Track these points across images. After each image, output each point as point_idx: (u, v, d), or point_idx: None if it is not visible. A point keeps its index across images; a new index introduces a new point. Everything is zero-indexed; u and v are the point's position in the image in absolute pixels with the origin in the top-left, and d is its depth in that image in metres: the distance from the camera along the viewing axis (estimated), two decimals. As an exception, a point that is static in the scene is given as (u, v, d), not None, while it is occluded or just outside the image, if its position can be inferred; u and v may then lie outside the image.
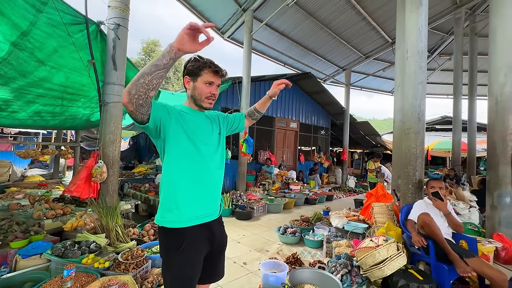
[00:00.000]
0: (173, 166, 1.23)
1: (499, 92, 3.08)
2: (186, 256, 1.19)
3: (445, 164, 14.20)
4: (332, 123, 12.49)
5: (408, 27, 3.11)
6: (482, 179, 5.30)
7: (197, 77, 1.26)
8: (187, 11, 7.25)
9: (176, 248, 1.18)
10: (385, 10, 7.97)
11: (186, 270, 1.19)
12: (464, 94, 9.00)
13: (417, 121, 3.03)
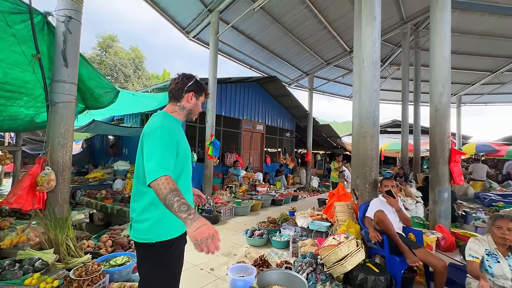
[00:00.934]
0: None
1: (438, 101, 3.52)
2: (176, 255, 1.31)
3: (396, 163, 15.67)
4: (296, 126, 12.94)
5: (364, 39, 3.38)
6: (425, 177, 5.97)
7: (200, 96, 1.48)
8: (149, 6, 6.90)
9: (169, 249, 1.27)
10: (344, 20, 8.54)
11: (175, 269, 1.31)
12: (410, 100, 10.07)
13: (373, 126, 3.30)
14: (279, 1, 7.36)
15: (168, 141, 1.22)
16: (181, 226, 1.32)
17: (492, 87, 14.26)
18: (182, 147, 1.34)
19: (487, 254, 2.06)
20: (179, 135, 1.34)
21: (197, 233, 0.94)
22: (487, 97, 15.80)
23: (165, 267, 1.25)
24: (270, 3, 7.31)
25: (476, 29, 9.84)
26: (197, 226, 0.95)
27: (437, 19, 3.57)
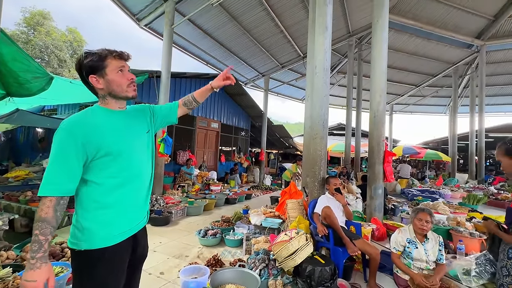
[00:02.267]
0: (101, 182, 1.08)
1: (376, 108, 3.99)
2: (110, 266, 1.09)
3: (340, 163, 17.19)
4: (251, 125, 13.14)
5: (317, 47, 3.61)
6: (363, 175, 6.69)
7: (104, 69, 1.09)
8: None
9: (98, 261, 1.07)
10: (299, 27, 8.99)
11: (109, 282, 1.09)
12: (353, 106, 11.16)
13: (322, 128, 3.56)
14: (238, 0, 7.35)
15: (61, 147, 0.98)
16: (119, 234, 1.11)
17: (416, 98, 16.78)
18: (107, 147, 1.05)
19: (408, 242, 2.44)
20: (93, 132, 1.04)
21: (25, 284, 0.89)
22: (412, 107, 18.51)
23: (95, 278, 1.06)
24: (229, 1, 7.26)
25: (406, 48, 11.43)
26: (31, 277, 0.89)
27: (377, 37, 4.05)
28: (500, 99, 15.37)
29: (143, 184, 1.22)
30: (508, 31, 10.53)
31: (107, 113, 1.14)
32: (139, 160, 1.19)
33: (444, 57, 12.16)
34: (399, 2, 9.22)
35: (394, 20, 9.62)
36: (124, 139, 1.13)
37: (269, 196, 7.33)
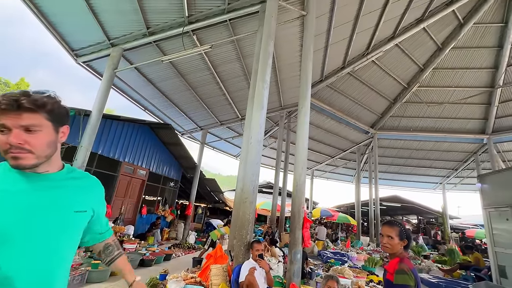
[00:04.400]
0: None
1: (298, 178, 4.62)
2: None
3: (266, 221, 17.61)
4: (183, 176, 12.69)
5: (253, 121, 4.18)
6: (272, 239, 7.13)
7: None
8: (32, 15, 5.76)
9: None
10: (240, 94, 10.08)
11: None
12: (282, 168, 12.30)
13: (252, 193, 3.85)
14: (187, 62, 7.97)
15: None
16: None
17: (331, 167, 19.71)
18: None
19: (320, 308, 2.68)
20: None
21: None
22: (329, 174, 21.49)
23: None
24: (179, 60, 7.79)
25: (324, 126, 13.90)
26: None
27: (301, 120, 4.98)
28: (388, 175, 19.50)
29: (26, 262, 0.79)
30: (390, 126, 14.23)
31: (12, 175, 0.84)
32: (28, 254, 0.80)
33: (350, 137, 15.24)
34: (319, 90, 11.62)
35: (315, 103, 11.90)
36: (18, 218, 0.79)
37: (192, 257, 6.81)
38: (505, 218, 6.45)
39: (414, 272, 1.62)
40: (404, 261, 1.69)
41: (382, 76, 11.62)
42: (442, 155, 15.95)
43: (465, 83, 11.80)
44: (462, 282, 6.63)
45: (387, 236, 1.79)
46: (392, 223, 1.84)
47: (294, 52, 8.34)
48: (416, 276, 1.62)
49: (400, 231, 1.77)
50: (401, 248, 1.76)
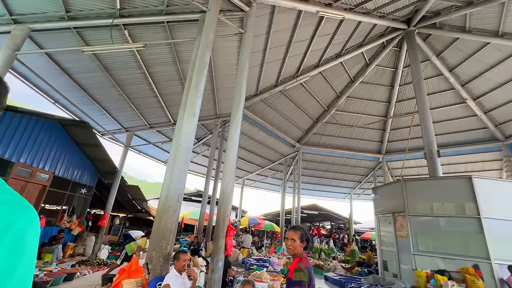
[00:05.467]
0: None
1: (225, 187, 4.76)
2: None
3: (193, 231, 17.02)
4: (99, 182, 11.17)
5: (184, 128, 4.14)
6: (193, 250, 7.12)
7: None
8: None
9: None
10: (174, 97, 9.72)
11: None
12: (213, 176, 12.27)
13: (177, 201, 3.77)
14: (116, 57, 7.28)
15: None
16: None
17: (261, 177, 20.70)
18: None
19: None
20: None
21: None
22: (259, 183, 22.46)
23: None
24: (106, 53, 7.04)
25: (256, 137, 14.60)
26: None
27: (232, 131, 5.20)
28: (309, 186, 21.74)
29: None
30: (313, 142, 16.04)
31: None
32: None
33: (279, 150, 16.45)
34: (254, 104, 12.25)
35: (249, 115, 12.47)
36: None
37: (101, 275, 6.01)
38: (388, 222, 8.09)
39: (309, 270, 1.94)
40: (302, 260, 2.00)
41: (308, 97, 13.14)
42: (351, 170, 18.85)
43: (369, 111, 14.47)
44: (357, 277, 7.92)
45: (291, 239, 2.08)
46: (296, 228, 2.15)
47: (232, 65, 8.65)
48: (310, 273, 1.94)
49: (302, 234, 2.09)
50: (301, 249, 2.08)
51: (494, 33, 9.16)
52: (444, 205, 6.86)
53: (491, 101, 11.62)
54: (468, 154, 13.82)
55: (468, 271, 5.88)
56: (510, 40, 8.99)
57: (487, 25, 9.16)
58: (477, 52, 10.25)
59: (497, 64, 10.20)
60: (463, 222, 6.51)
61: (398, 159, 15.58)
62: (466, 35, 9.58)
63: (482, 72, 10.79)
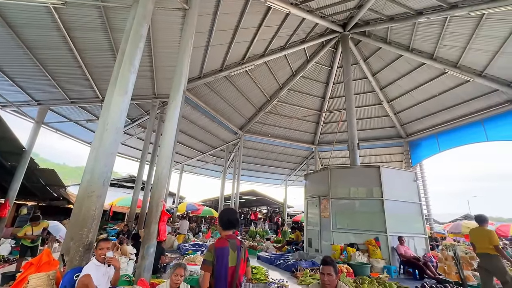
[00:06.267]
0: None
1: (160, 171, 4.54)
2: None
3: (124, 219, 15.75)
4: (-3, 164, 9.13)
5: (113, 106, 3.73)
6: (134, 234, 6.76)
7: None
8: None
9: None
10: (104, 70, 8.52)
11: None
12: (148, 160, 11.46)
13: (102, 186, 3.42)
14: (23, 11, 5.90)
15: None
16: None
17: (202, 163, 20.35)
18: None
19: (163, 297, 2.80)
20: None
21: None
22: (199, 169, 22.03)
23: None
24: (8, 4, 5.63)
25: (198, 122, 14.18)
26: None
27: (171, 113, 4.92)
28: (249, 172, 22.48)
29: None
30: (254, 130, 16.50)
31: None
32: None
33: (221, 136, 16.40)
34: (197, 87, 11.78)
35: (192, 99, 11.97)
36: None
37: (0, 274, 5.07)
38: (314, 205, 9.11)
39: (216, 250, 2.05)
40: (217, 241, 2.15)
41: (253, 86, 13.35)
42: (287, 158, 20.24)
43: (306, 104, 15.64)
44: (286, 254, 8.75)
45: (215, 224, 2.18)
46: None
47: (173, 42, 8.06)
48: (216, 253, 2.03)
49: (218, 216, 2.26)
50: (221, 229, 2.21)
51: (406, 48, 10.94)
52: (359, 189, 8.10)
53: (400, 104, 14.01)
54: (380, 148, 16.48)
55: (371, 242, 7.16)
56: (417, 56, 10.90)
57: (402, 40, 10.86)
58: (393, 62, 12.11)
59: (406, 74, 12.28)
60: (371, 203, 7.83)
61: (328, 150, 17.45)
62: (386, 46, 11.17)
63: (396, 79, 12.84)
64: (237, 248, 2.11)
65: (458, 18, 8.85)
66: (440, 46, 10.10)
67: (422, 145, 14.57)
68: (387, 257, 7.03)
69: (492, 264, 4.26)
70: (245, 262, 2.18)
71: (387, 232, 7.32)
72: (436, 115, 13.22)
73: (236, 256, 2.06)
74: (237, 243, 2.15)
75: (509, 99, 10.58)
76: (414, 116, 14.14)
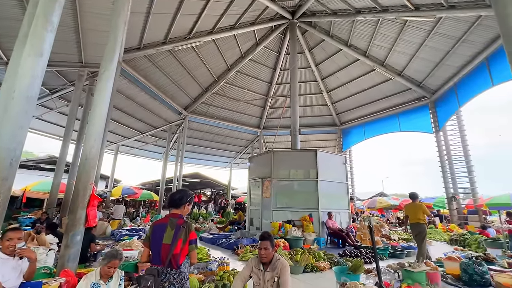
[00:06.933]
0: None
1: (88, 151, 4.00)
2: None
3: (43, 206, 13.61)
4: None
5: (23, 70, 3.05)
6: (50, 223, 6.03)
7: None
8: None
9: None
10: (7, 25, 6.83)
11: None
12: (73, 139, 9.97)
13: (9, 167, 2.83)
14: None
15: None
16: None
17: (140, 143, 18.79)
18: None
19: (92, 286, 2.57)
20: None
21: None
22: (137, 151, 20.30)
23: None
24: None
25: (136, 98, 12.89)
26: None
27: (102, 85, 4.29)
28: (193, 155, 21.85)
29: None
30: (200, 111, 15.94)
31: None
32: None
33: (163, 116, 15.32)
34: (136, 59, 10.56)
35: (129, 71, 10.72)
36: None
37: None
38: (257, 186, 9.51)
39: (153, 226, 2.13)
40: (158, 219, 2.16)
41: (200, 64, 12.68)
42: (233, 141, 20.34)
43: (254, 88, 15.76)
44: (228, 233, 9.03)
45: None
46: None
47: (107, 2, 6.95)
48: (153, 229, 2.11)
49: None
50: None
51: (345, 43, 11.91)
52: (297, 171, 8.77)
53: (337, 95, 15.40)
54: (318, 134, 18.01)
55: (305, 218, 7.94)
56: (353, 51, 12.00)
57: (342, 35, 11.76)
58: (334, 55, 13.08)
59: (344, 67, 13.47)
60: (307, 184, 8.60)
61: (272, 134, 18.18)
62: (329, 38, 11.94)
63: (335, 71, 13.97)
64: (176, 226, 2.05)
65: (388, 22, 10.00)
66: (372, 45, 11.33)
67: (352, 132, 16.52)
68: (318, 230, 7.95)
69: (420, 229, 5.57)
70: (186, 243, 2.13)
71: (319, 208, 8.22)
72: (365, 107, 15.04)
73: (172, 234, 2.01)
74: (179, 222, 2.09)
75: (419, 97, 12.74)
76: (347, 107, 15.79)
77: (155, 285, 1.84)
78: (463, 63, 10.04)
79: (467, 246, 7.68)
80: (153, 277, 1.86)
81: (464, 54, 9.71)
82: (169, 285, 1.91)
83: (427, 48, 10.28)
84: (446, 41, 9.63)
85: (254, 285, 2.63)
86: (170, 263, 1.96)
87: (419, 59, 10.93)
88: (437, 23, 9.14)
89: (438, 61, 10.54)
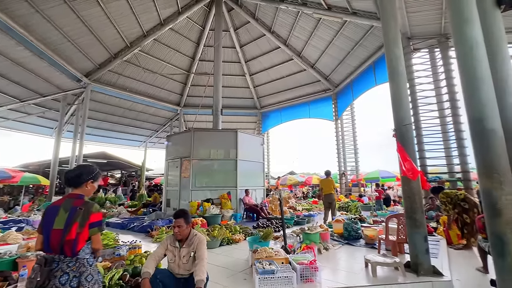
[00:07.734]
0: None
1: None
2: None
3: None
4: None
5: None
6: None
7: None
8: None
9: None
10: None
11: None
12: None
13: None
14: None
15: None
16: None
17: (20, 114, 14.66)
18: None
19: None
20: None
21: None
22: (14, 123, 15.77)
23: None
24: None
25: (12, 55, 9.88)
26: None
27: None
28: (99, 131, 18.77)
29: None
30: (108, 80, 13.65)
31: None
32: None
33: (55, 81, 12.30)
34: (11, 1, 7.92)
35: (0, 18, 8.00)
36: None
37: None
38: (176, 166, 9.11)
39: (47, 209, 1.83)
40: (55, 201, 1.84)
41: (107, 23, 10.63)
42: (149, 118, 18.48)
43: (174, 62, 14.54)
44: (141, 217, 8.40)
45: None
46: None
47: None
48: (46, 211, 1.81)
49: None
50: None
51: (268, 29, 12.35)
52: (218, 151, 8.84)
53: (259, 79, 16.02)
54: (240, 116, 18.49)
55: (224, 196, 8.20)
56: (275, 39, 12.59)
57: (266, 20, 12.11)
58: (258, 39, 13.40)
59: (267, 53, 14.04)
60: (227, 163, 8.82)
61: (193, 113, 17.47)
62: (254, 21, 12.09)
63: (258, 56, 14.39)
64: (71, 209, 1.73)
65: (306, 16, 10.89)
66: (292, 35, 12.18)
67: (270, 116, 17.74)
68: (236, 207, 8.38)
69: (332, 198, 7.60)
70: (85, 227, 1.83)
71: (237, 186, 8.63)
72: (282, 93, 16.29)
73: (66, 218, 1.70)
74: (76, 203, 1.77)
75: (325, 89, 14.71)
76: (267, 92, 16.71)
77: (42, 275, 1.55)
78: (358, 64, 12.11)
79: (349, 211, 9.74)
80: (39, 266, 1.56)
81: (360, 56, 11.69)
82: (61, 274, 1.63)
83: (334, 47, 11.84)
84: (348, 42, 11.32)
85: (168, 263, 2.58)
86: (63, 250, 1.67)
87: (328, 55, 12.50)
88: (343, 26, 10.59)
89: (342, 59, 12.34)
